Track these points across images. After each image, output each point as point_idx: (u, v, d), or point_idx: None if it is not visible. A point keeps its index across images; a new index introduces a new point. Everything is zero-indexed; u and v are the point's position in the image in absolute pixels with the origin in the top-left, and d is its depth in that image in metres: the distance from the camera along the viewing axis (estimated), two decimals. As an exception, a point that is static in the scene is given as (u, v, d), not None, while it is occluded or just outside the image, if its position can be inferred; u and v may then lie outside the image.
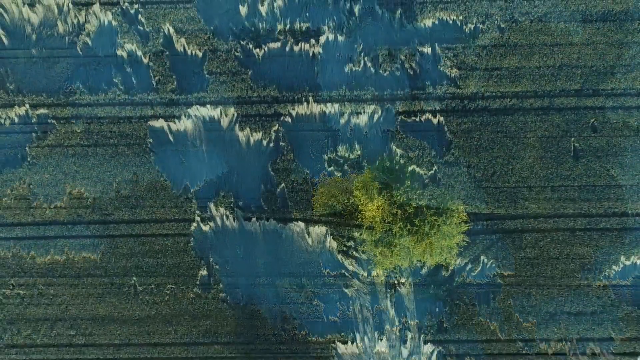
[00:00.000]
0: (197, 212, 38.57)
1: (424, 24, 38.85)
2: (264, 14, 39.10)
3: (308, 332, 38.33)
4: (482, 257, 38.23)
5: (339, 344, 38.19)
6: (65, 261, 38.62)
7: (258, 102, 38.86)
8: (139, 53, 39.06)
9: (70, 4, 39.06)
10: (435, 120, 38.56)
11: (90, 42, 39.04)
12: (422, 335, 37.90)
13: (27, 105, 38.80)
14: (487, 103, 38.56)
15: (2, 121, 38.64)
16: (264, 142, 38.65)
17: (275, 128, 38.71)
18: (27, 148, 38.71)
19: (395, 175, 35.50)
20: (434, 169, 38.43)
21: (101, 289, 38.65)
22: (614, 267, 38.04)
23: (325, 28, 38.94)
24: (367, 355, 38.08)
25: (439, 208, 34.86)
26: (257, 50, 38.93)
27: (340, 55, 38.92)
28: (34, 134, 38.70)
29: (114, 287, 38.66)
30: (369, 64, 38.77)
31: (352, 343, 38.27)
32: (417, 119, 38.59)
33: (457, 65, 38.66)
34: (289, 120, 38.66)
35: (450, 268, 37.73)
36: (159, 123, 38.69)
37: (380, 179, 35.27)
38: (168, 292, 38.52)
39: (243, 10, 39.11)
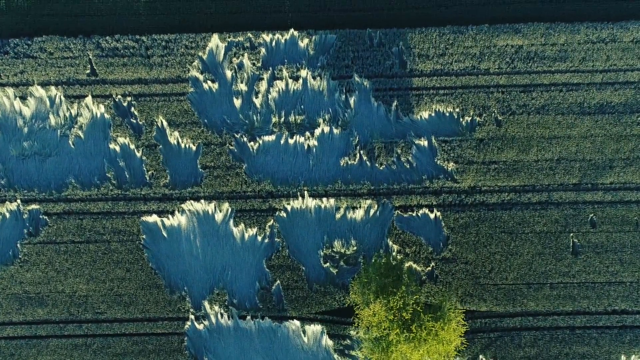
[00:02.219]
0: (191, 310, 39.07)
1: (421, 116, 39.48)
2: (258, 106, 39.74)
3: None
4: (481, 357, 38.69)
5: None
6: (57, 361, 39.16)
7: (253, 197, 39.43)
8: (132, 146, 39.66)
9: (62, 97, 39.68)
10: (432, 216, 39.11)
11: (82, 136, 39.63)
12: None
13: (19, 201, 39.32)
14: (485, 198, 39.13)
15: (-7, 218, 39.23)
16: (259, 238, 39.18)
17: (270, 223, 39.25)
18: (18, 245, 39.24)
19: (392, 279, 35.98)
20: (431, 265, 38.96)
21: (94, 390, 39.16)
22: (614, 365, 38.62)
23: (321, 120, 39.57)
24: None
25: (436, 311, 35.34)
26: (252, 143, 39.54)
27: (335, 148, 39.45)
28: (25, 230, 39.19)
29: (107, 388, 39.17)
30: (364, 157, 39.37)
31: None
32: (414, 214, 39.13)
33: (454, 159, 39.26)
34: (284, 215, 39.20)
35: (448, 368, 38.23)
36: (152, 218, 39.21)
37: (376, 282, 35.76)
38: (162, 393, 39.03)
39: (237, 102, 39.72)
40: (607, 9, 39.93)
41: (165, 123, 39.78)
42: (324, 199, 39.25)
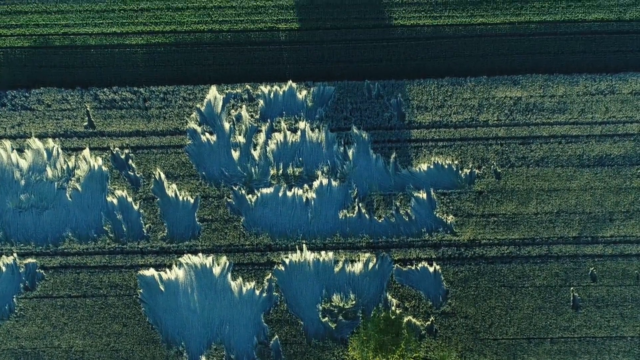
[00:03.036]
0: (189, 365, 39.07)
1: (419, 169, 39.67)
2: (256, 158, 39.95)
3: None
4: (481, 413, 38.67)
5: None
6: (53, 420, 39.08)
7: (251, 250, 39.52)
8: (130, 199, 39.81)
9: (59, 149, 39.89)
10: (431, 269, 39.21)
11: (80, 188, 39.78)
12: None
13: (15, 255, 39.44)
14: (484, 251, 39.22)
15: (-10, 272, 39.32)
16: (257, 292, 39.25)
17: (268, 277, 39.33)
18: (14, 299, 39.26)
19: (391, 335, 36.01)
20: (430, 319, 39.00)
21: None
22: (616, 422, 38.56)
23: (319, 173, 39.73)
24: None
25: (435, 368, 35.41)
26: (250, 196, 39.68)
27: (334, 200, 39.58)
28: (21, 285, 39.24)
29: None
30: (363, 210, 39.50)
31: None
32: (413, 267, 39.20)
33: (453, 212, 39.39)
34: (282, 268, 39.29)
35: None
36: (150, 272, 39.30)
37: (375, 339, 35.79)
38: None
39: (235, 154, 39.92)
40: (605, 60, 40.26)
41: (163, 175, 39.94)
42: (323, 252, 39.35)
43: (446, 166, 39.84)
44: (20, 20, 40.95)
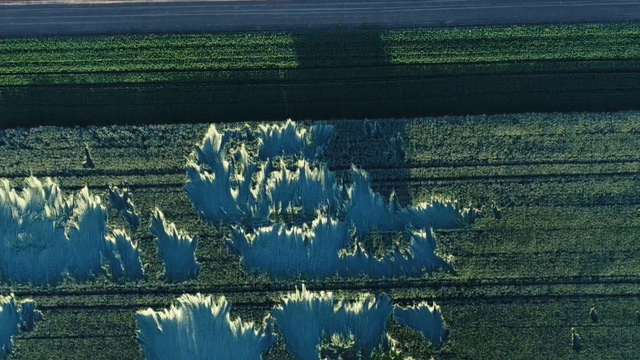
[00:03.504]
0: (187, 407, 38.89)
1: (419, 207, 39.71)
2: (255, 197, 40.00)
3: None
4: None
5: None
6: None
7: (249, 290, 39.50)
8: (128, 238, 39.83)
9: (58, 188, 39.97)
10: (431, 309, 39.18)
11: (78, 227, 39.80)
12: None
13: (12, 294, 39.42)
14: (484, 290, 39.19)
15: (-13, 311, 39.26)
16: (256, 332, 39.18)
17: (267, 317, 39.25)
18: (11, 339, 39.20)
19: (390, 379, 35.97)
20: (430, 360, 38.92)
21: None
22: None
23: (318, 211, 39.77)
24: None
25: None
26: (249, 235, 39.72)
27: (333, 239, 39.58)
28: (19, 325, 39.18)
29: None
30: (362, 249, 39.51)
31: None
32: (413, 307, 39.14)
33: (453, 251, 39.40)
34: (281, 308, 39.26)
35: None
36: (148, 312, 39.25)
37: (375, 382, 35.74)
38: None
39: (234, 193, 39.97)
40: (604, 99, 40.47)
41: (161, 214, 39.98)
42: (322, 292, 39.32)
43: (446, 205, 39.90)
44: (20, 58, 41.18)
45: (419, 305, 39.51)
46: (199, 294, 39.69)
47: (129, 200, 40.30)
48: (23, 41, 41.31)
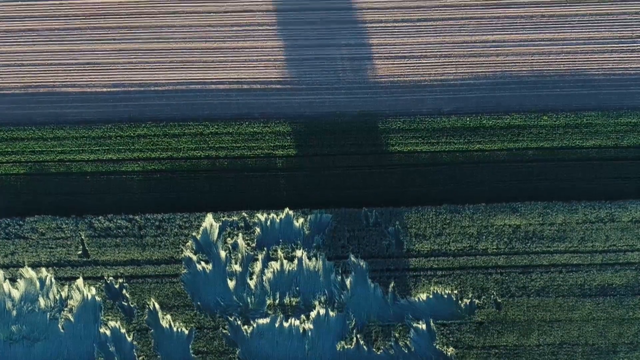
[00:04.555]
0: None
1: (418, 298, 39.57)
2: (253, 287, 39.87)
3: None
4: None
5: None
6: None
7: (246, 384, 39.13)
8: (123, 330, 39.60)
9: (52, 279, 39.86)
10: (432, 404, 38.75)
11: (72, 319, 39.63)
12: None
13: (5, 389, 38.94)
14: (486, 385, 38.85)
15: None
16: None
17: (264, 412, 38.82)
18: None
19: None
20: None
21: None
22: None
23: (316, 302, 39.61)
24: None
25: None
26: (246, 326, 39.49)
27: (331, 331, 39.33)
28: (10, 421, 38.65)
29: None
30: (361, 341, 39.28)
31: None
32: (413, 402, 38.76)
33: (453, 343, 39.13)
34: (279, 403, 38.82)
35: None
36: (143, 408, 38.77)
37: None
38: None
39: (231, 284, 39.84)
40: (604, 187, 40.62)
41: (157, 306, 39.81)
42: (320, 386, 38.96)
43: (446, 296, 39.77)
44: (17, 147, 41.42)
45: (420, 400, 39.11)
46: (195, 388, 39.30)
47: (124, 291, 40.15)
48: (20, 129, 41.59)
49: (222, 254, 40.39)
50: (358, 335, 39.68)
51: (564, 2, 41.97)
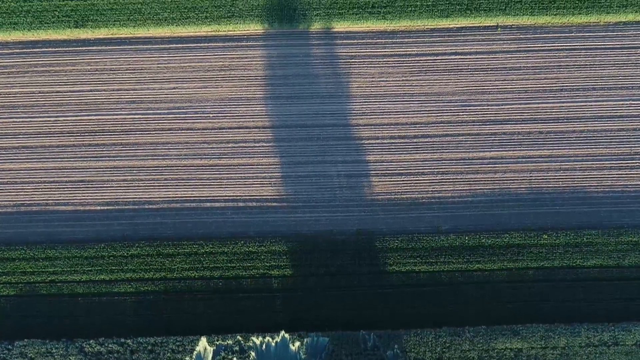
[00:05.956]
0: None
1: None
2: (247, 415, 38.91)
3: None
4: None
5: None
6: None
7: None
8: None
9: (41, 407, 38.92)
10: None
11: None
12: None
13: None
14: None
15: None
16: None
17: None
18: None
19: None
20: None
21: None
22: None
23: None
24: None
25: None
26: None
27: None
28: None
29: None
30: None
31: None
32: None
33: None
34: None
35: None
36: None
37: None
38: None
39: (225, 411, 38.89)
40: (607, 308, 40.25)
41: None
42: None
43: None
44: (7, 267, 41.09)
45: None
46: None
47: (115, 419, 39.21)
48: (11, 249, 41.30)
49: (216, 379, 39.64)
50: None
51: (561, 119, 42.21)
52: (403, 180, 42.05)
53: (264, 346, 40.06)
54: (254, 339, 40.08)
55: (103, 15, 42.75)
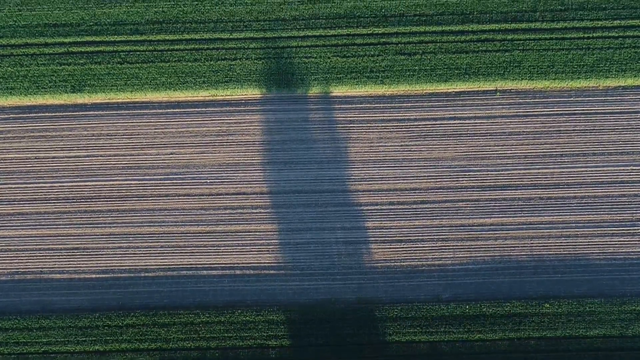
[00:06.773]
0: None
1: None
2: None
3: None
4: None
5: None
6: None
7: None
8: None
9: None
10: None
11: None
12: None
13: None
14: None
15: None
16: None
17: None
18: None
19: None
20: None
21: None
22: None
23: None
24: None
25: None
26: None
27: None
28: None
29: None
30: None
31: None
32: None
33: None
34: None
35: None
36: None
37: None
38: None
39: None
40: (611, 380, 39.58)
41: None
42: None
43: None
44: (0, 338, 40.44)
45: None
46: None
47: None
48: (4, 319, 40.82)
49: None
50: None
51: (562, 185, 42.04)
52: (402, 248, 41.74)
53: (261, 420, 39.44)
54: (251, 412, 39.47)
55: (100, 80, 42.78)
